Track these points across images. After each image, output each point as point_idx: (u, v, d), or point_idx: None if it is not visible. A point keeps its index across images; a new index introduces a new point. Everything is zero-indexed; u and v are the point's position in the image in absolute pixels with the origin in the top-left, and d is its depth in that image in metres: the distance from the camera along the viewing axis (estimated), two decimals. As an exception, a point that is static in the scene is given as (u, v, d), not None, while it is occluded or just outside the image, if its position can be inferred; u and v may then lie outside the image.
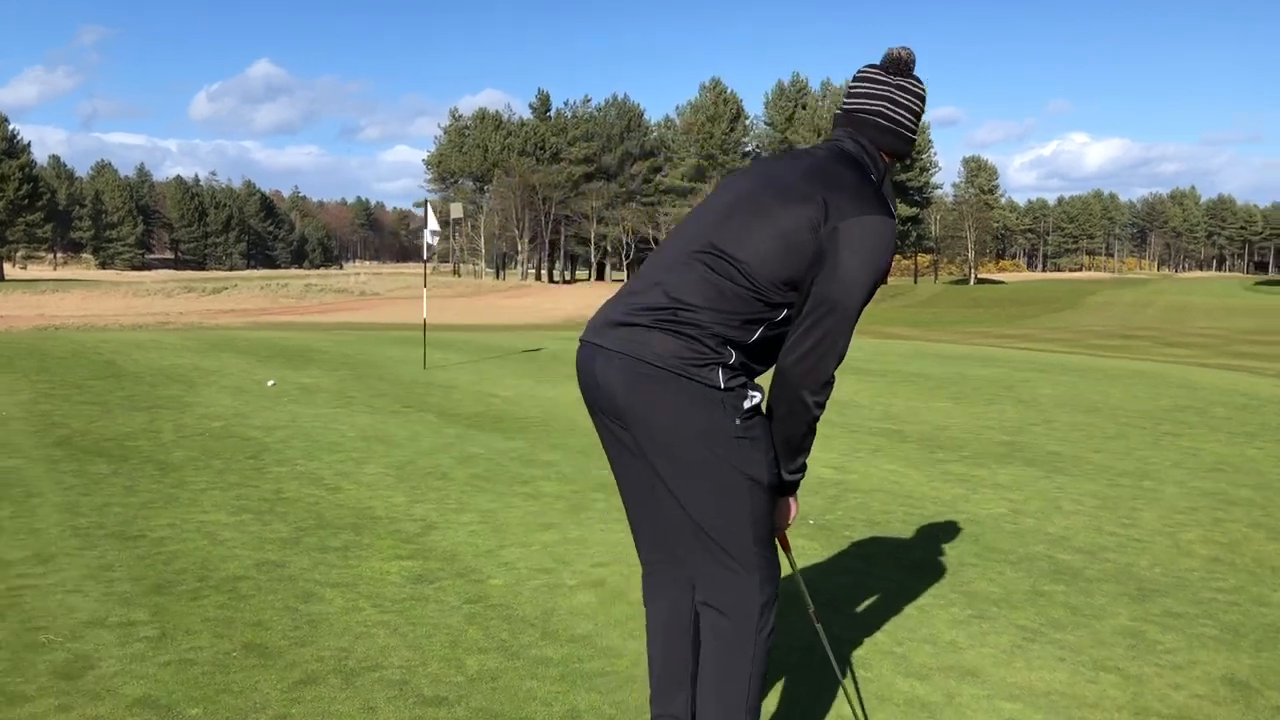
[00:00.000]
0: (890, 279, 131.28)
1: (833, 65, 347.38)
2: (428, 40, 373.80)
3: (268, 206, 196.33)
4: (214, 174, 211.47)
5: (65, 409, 9.74)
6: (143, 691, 3.51)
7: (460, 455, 7.93)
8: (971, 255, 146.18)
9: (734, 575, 2.65)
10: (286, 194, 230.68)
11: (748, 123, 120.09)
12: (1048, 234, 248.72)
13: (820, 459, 7.89)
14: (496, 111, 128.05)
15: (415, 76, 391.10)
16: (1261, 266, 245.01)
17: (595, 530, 5.78)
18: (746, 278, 2.55)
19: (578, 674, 3.77)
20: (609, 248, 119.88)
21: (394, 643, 4.02)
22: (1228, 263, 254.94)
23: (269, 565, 4.97)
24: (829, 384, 2.63)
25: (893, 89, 2.78)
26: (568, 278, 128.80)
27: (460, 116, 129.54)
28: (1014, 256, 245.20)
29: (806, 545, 5.50)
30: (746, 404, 2.57)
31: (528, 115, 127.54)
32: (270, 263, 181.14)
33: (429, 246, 14.68)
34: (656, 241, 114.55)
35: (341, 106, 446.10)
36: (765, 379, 2.73)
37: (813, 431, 2.70)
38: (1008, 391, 12.76)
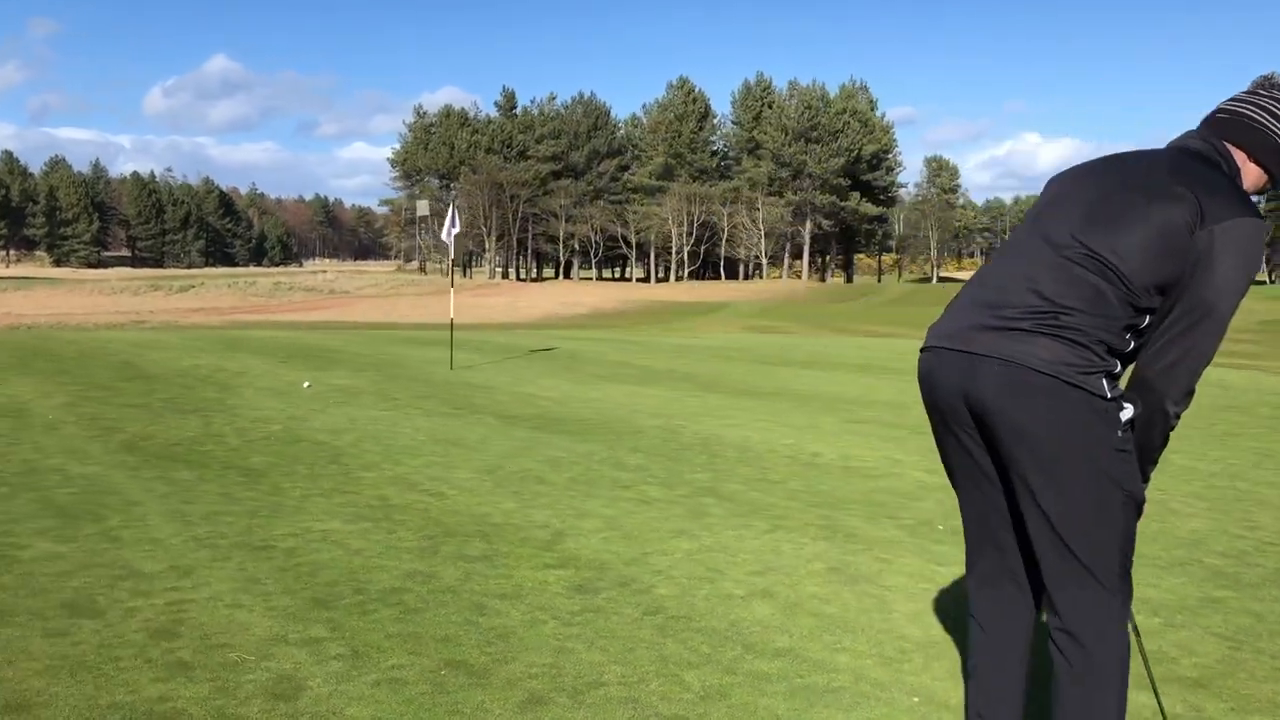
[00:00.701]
0: (855, 278, 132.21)
1: (799, 66, 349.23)
2: (387, 36, 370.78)
3: (226, 204, 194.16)
4: (170, 170, 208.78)
5: (111, 412, 9.45)
6: (369, 713, 3.34)
7: (545, 458, 7.77)
8: (934, 254, 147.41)
9: (1096, 598, 2.52)
10: (244, 191, 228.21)
11: (715, 121, 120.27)
12: (1005, 233, 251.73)
13: (916, 463, 7.82)
14: (463, 109, 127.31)
15: (375, 73, 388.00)
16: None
17: (728, 537, 5.65)
18: (1123, 280, 2.43)
19: (805, 690, 3.63)
20: (577, 246, 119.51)
21: (599, 658, 3.87)
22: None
23: (420, 576, 4.79)
24: (1191, 394, 2.52)
25: (1266, 99, 2.65)
26: (534, 276, 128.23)
27: (425, 114, 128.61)
28: (972, 255, 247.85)
29: (949, 551, 5.41)
30: (1124, 415, 2.46)
31: (494, 113, 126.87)
32: (229, 260, 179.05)
33: (448, 245, 14.43)
34: (626, 240, 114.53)
35: (299, 102, 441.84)
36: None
37: (1166, 442, 2.60)
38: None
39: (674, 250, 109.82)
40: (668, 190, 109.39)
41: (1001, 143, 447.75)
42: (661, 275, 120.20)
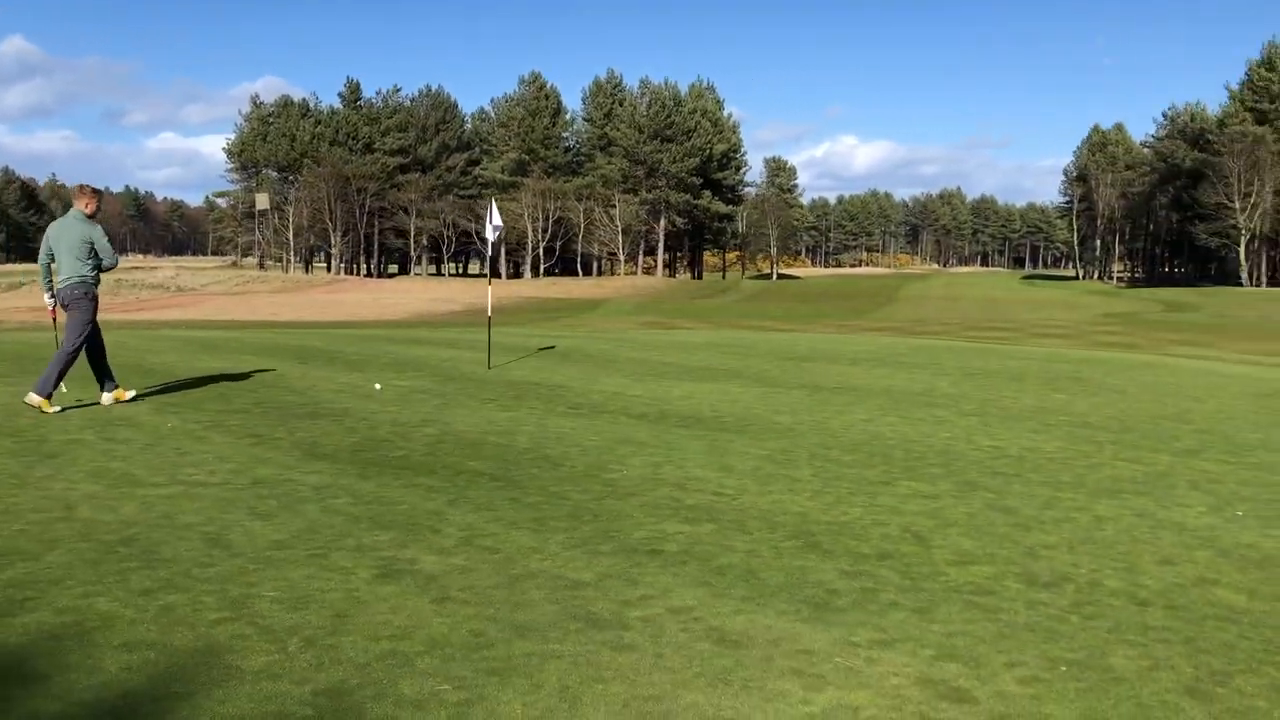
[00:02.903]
0: (705, 275, 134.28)
1: (649, 65, 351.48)
2: (200, 21, 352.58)
3: (29, 195, 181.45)
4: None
5: (247, 421, 8.81)
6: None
7: (763, 457, 7.63)
8: (774, 251, 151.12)
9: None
10: (42, 181, 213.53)
11: (567, 118, 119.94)
12: (830, 231, 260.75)
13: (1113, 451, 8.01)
14: (304, 99, 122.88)
15: (186, 60, 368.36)
16: (1019, 262, 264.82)
17: (1053, 531, 5.70)
18: None
19: None
20: (426, 241, 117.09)
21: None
22: (990, 258, 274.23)
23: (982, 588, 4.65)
24: None
25: None
26: (380, 272, 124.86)
27: (263, 103, 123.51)
28: (798, 253, 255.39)
29: None
30: None
31: (337, 104, 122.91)
32: (33, 255, 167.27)
33: (490, 243, 13.91)
34: (480, 236, 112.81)
35: (104, 89, 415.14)
36: None
37: None
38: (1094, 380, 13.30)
39: (530, 246, 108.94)
40: (522, 185, 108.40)
41: (820, 144, 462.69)
42: (511, 272, 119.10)
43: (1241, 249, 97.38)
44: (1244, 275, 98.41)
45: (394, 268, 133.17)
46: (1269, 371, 16.76)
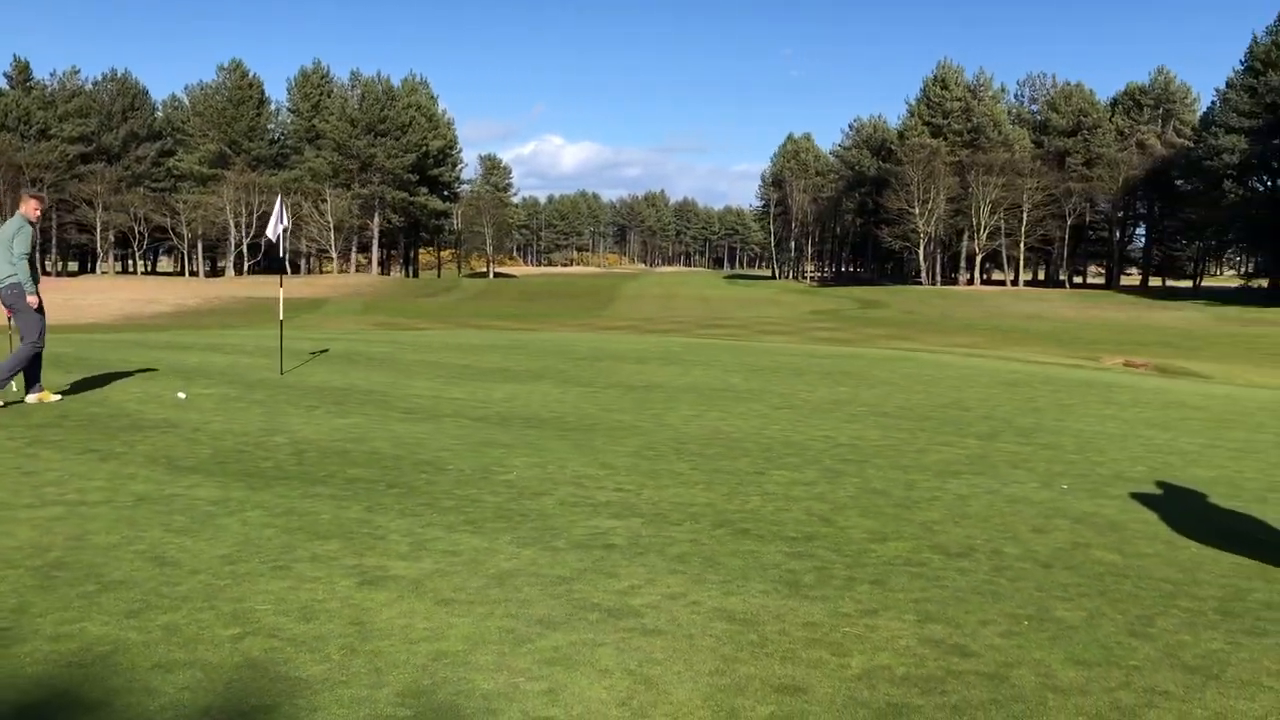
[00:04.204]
0: (422, 274, 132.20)
1: (353, 56, 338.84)
2: None
3: None
4: None
5: (68, 436, 8.24)
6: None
7: (633, 454, 8.02)
8: (490, 250, 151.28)
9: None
10: None
11: (272, 108, 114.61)
12: (541, 230, 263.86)
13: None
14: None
15: None
16: (719, 262, 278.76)
17: (930, 509, 6.49)
18: None
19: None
20: (114, 237, 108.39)
21: None
22: (692, 258, 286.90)
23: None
24: None
25: None
26: (61, 270, 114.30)
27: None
28: (512, 252, 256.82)
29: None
30: None
31: (2, 84, 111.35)
32: None
33: (277, 242, 13.38)
34: (175, 231, 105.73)
35: None
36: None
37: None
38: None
39: (233, 243, 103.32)
40: (222, 178, 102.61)
41: (527, 143, 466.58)
42: (209, 269, 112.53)
43: (921, 251, 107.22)
44: (923, 275, 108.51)
45: (74, 265, 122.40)
46: (995, 363, 18.90)
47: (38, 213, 9.81)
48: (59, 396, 10.18)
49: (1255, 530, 6.06)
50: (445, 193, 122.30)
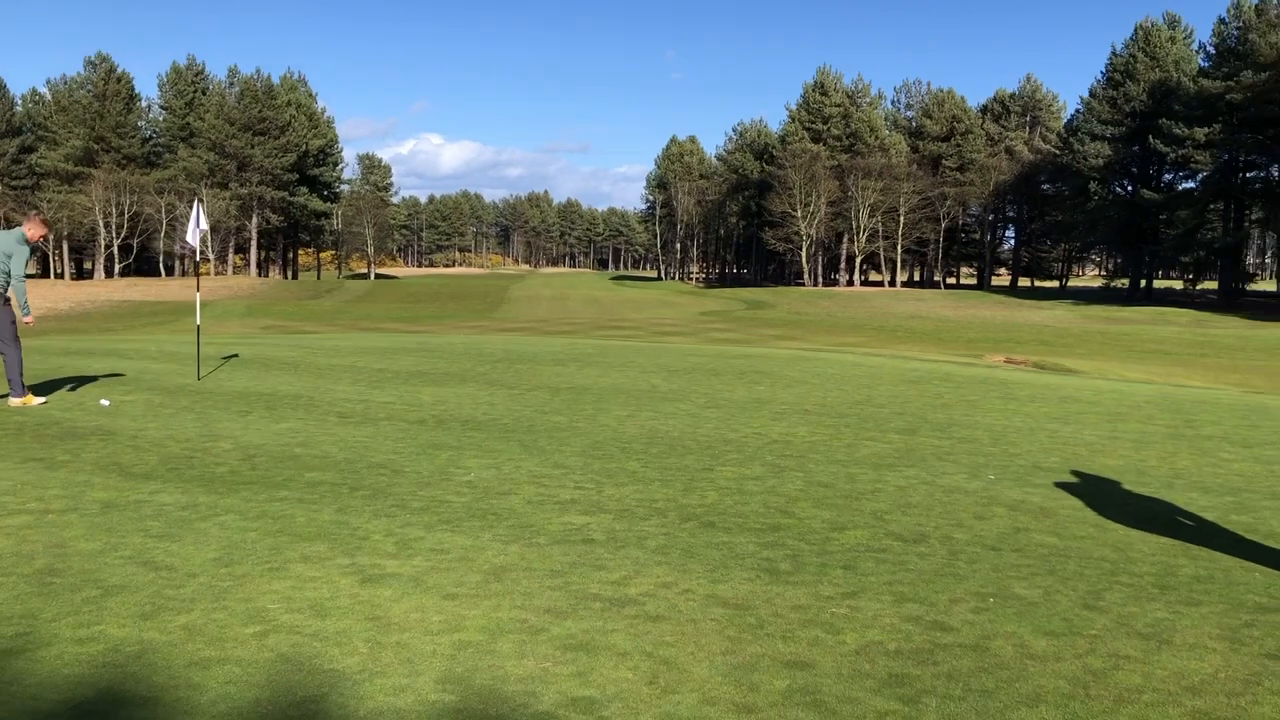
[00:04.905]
0: (301, 275, 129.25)
1: (238, 54, 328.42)
2: None
3: None
4: None
5: (2, 446, 8.07)
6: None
7: (582, 454, 8.27)
8: (371, 250, 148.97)
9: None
10: None
11: (143, 105, 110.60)
12: (422, 230, 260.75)
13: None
14: None
15: None
16: (603, 263, 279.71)
17: (876, 500, 6.91)
18: None
19: None
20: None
21: None
22: (577, 259, 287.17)
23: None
24: None
25: None
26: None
27: None
28: (393, 253, 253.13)
29: (1054, 490, 7.17)
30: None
31: None
32: None
33: (192, 246, 13.13)
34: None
35: None
36: None
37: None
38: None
39: (103, 244, 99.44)
40: (89, 176, 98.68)
41: (405, 141, 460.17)
42: (74, 272, 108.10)
43: (803, 253, 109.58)
44: (806, 276, 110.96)
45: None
46: (894, 361, 19.67)
47: (39, 237, 10.10)
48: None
49: (1170, 513, 6.63)
50: (326, 192, 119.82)
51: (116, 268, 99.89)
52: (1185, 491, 7.33)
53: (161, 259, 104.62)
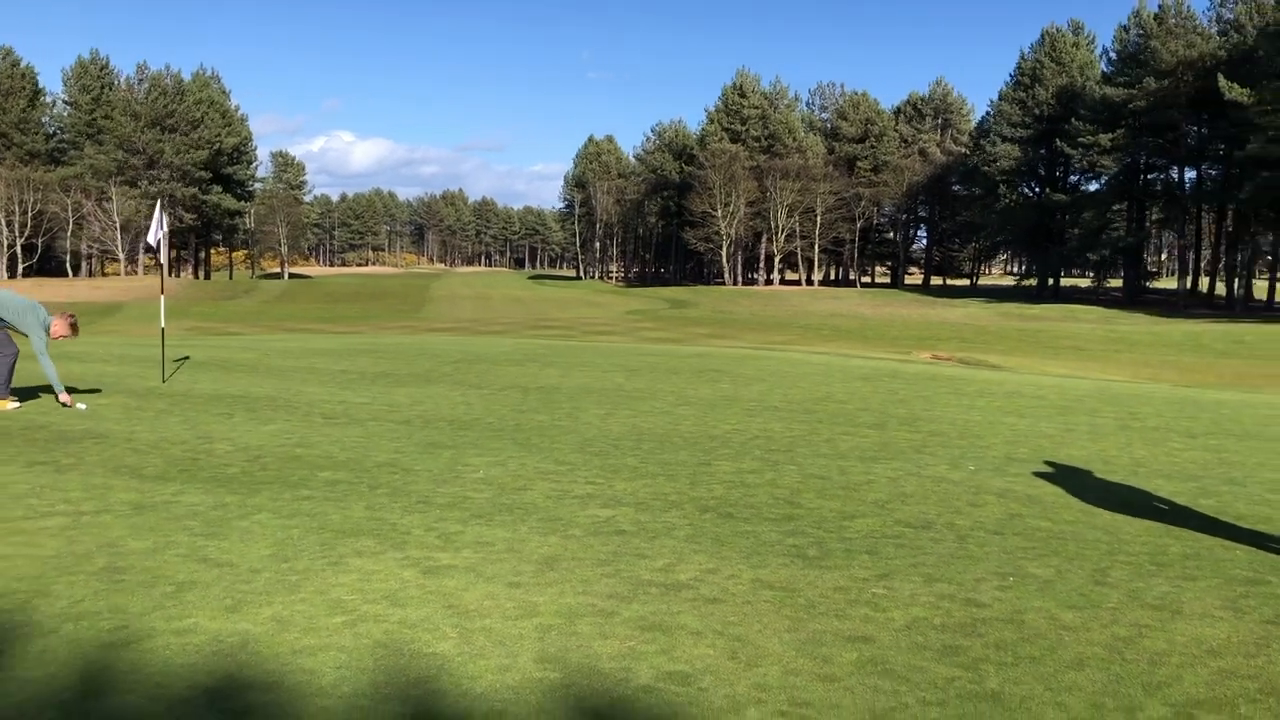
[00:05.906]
0: (214, 275, 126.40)
1: (146, 49, 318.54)
2: None
3: None
4: None
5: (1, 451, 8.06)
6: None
7: (577, 450, 8.55)
8: (284, 250, 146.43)
9: None
10: None
11: (47, 100, 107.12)
12: (335, 229, 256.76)
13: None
14: None
15: None
16: (520, 262, 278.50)
17: (868, 491, 7.34)
18: None
19: None
20: None
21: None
22: (493, 258, 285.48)
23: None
24: None
25: None
26: None
27: None
28: (306, 252, 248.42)
29: (1032, 479, 7.67)
30: None
31: None
32: None
33: (153, 249, 13.05)
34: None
35: None
36: None
37: None
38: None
39: (5, 244, 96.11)
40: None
41: (315, 138, 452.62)
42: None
43: (724, 253, 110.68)
44: (726, 275, 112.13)
45: None
46: (837, 359, 20.26)
47: (57, 336, 10.62)
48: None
49: (1146, 498, 7.16)
50: (239, 191, 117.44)
51: (20, 268, 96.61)
52: (1150, 479, 7.88)
53: (68, 259, 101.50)
